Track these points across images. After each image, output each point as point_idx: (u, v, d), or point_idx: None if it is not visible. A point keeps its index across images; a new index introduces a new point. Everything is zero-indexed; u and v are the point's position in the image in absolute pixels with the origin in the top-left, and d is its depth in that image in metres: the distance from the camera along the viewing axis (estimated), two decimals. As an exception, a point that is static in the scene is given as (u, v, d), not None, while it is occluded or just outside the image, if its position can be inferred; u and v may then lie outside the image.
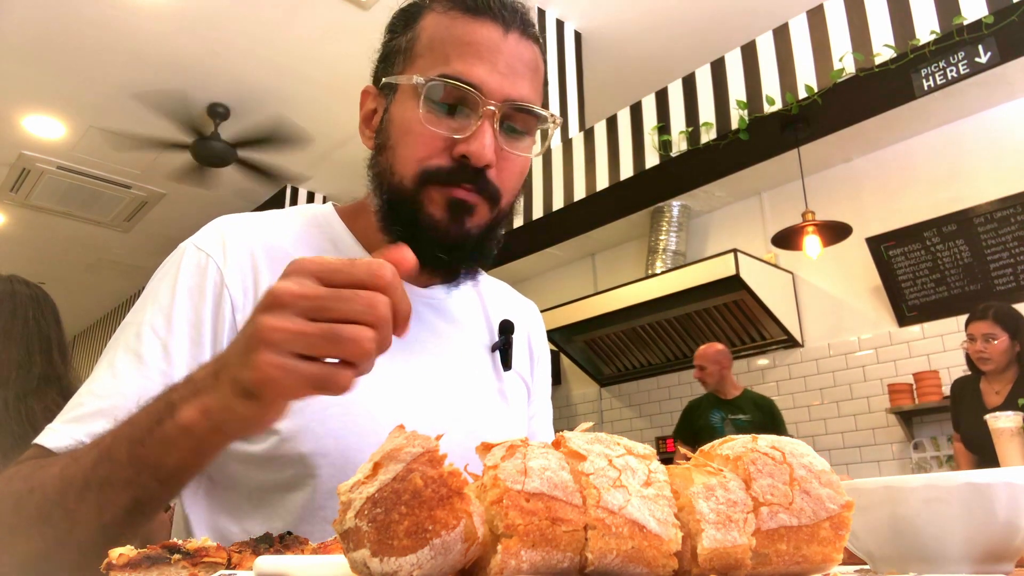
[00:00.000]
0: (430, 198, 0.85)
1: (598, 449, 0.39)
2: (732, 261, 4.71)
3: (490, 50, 0.84)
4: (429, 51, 0.86)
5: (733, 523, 0.38)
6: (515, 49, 0.86)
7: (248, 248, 0.90)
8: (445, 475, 0.37)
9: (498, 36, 0.85)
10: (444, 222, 0.85)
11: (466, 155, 0.82)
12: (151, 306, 0.85)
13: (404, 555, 0.36)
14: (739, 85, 3.74)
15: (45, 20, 4.40)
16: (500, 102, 0.83)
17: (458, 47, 0.84)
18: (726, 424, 4.35)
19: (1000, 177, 4.38)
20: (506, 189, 0.88)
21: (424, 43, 0.87)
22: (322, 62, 4.79)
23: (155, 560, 0.54)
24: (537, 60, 0.90)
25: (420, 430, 0.40)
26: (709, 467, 0.41)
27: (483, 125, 0.82)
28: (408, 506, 0.36)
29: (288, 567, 0.45)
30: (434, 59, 0.85)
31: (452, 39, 0.85)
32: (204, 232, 0.92)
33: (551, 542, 0.36)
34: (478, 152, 0.82)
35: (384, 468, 0.37)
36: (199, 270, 0.87)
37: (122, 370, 0.81)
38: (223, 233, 0.91)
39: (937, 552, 0.49)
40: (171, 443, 0.63)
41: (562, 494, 0.36)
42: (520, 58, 0.86)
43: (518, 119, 0.87)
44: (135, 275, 8.23)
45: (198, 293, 0.85)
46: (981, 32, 2.99)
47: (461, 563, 0.38)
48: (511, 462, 0.37)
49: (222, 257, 0.88)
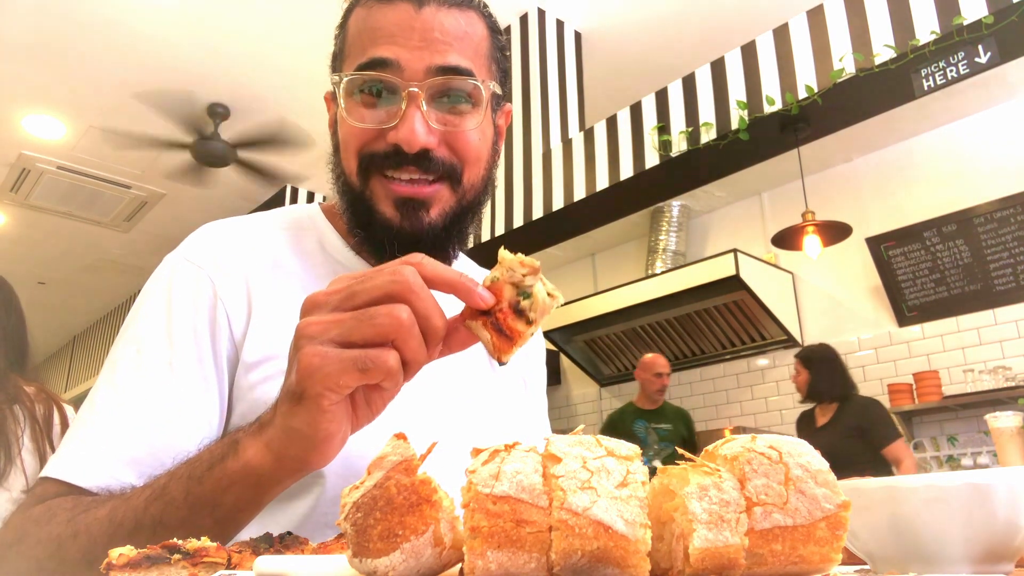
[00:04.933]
0: (377, 194, 0.83)
1: (576, 451, 0.39)
2: (732, 261, 4.71)
3: (402, 28, 0.81)
4: (352, 47, 0.85)
5: (725, 523, 0.38)
6: (431, 20, 0.82)
7: (239, 256, 0.88)
8: (416, 483, 0.40)
9: (410, 13, 0.82)
10: (396, 220, 0.83)
11: (396, 143, 0.80)
12: (147, 323, 0.83)
13: (378, 557, 0.38)
14: (739, 85, 3.74)
15: (45, 20, 4.41)
16: (422, 79, 0.80)
17: (371, 35, 0.82)
18: (649, 433, 4.58)
19: (1000, 177, 4.39)
20: (466, 163, 0.84)
21: (349, 40, 0.87)
22: (322, 62, 4.78)
23: (155, 560, 0.54)
24: (465, 26, 0.84)
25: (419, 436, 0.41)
26: (706, 467, 0.41)
27: (408, 109, 0.80)
28: (382, 511, 0.39)
29: (288, 567, 0.45)
30: (355, 54, 0.84)
31: (367, 29, 0.83)
32: (192, 243, 0.89)
33: (516, 543, 0.36)
34: (407, 138, 0.79)
35: (371, 475, 0.41)
36: (192, 284, 0.84)
37: (127, 389, 0.78)
38: (212, 243, 0.89)
39: (937, 552, 0.49)
40: (231, 481, 0.61)
41: (528, 496, 0.37)
42: (439, 28, 0.82)
43: (450, 89, 0.82)
44: (135, 275, 8.23)
45: (193, 308, 0.83)
46: (981, 32, 2.99)
47: (437, 567, 0.40)
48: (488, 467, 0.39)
49: (214, 269, 0.85)
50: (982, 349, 4.42)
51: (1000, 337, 4.37)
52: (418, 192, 0.82)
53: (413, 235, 0.83)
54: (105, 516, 0.65)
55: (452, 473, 0.56)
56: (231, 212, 6.99)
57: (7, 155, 5.85)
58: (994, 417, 2.45)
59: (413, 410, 0.89)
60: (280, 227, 0.94)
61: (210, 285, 0.84)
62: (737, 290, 4.80)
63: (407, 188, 0.82)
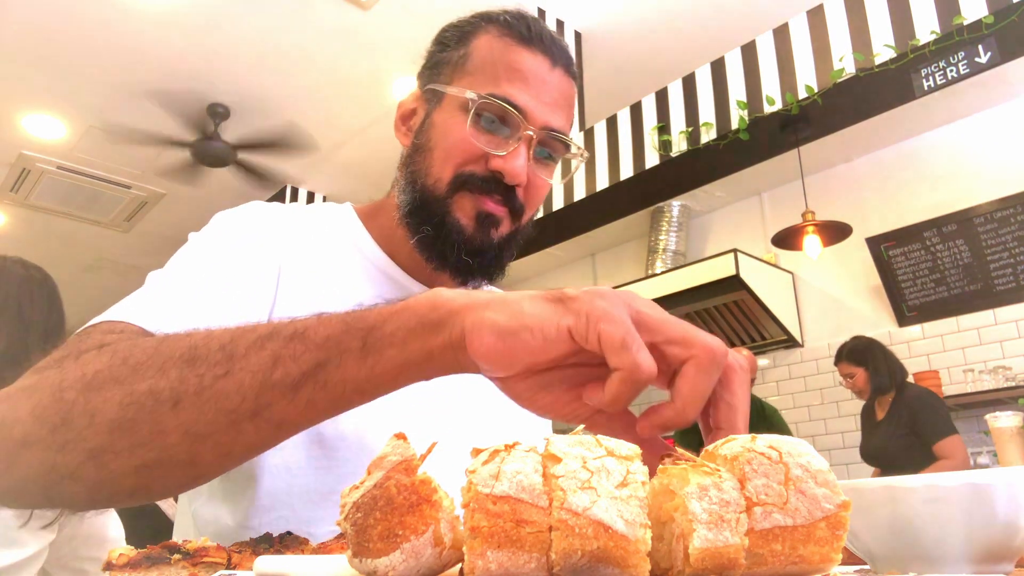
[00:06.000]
0: (460, 205, 0.90)
1: (577, 451, 0.39)
2: (732, 261, 4.71)
3: (537, 79, 0.91)
4: (481, 70, 0.92)
5: (725, 523, 0.38)
6: (559, 83, 0.93)
7: (276, 232, 0.93)
8: (416, 483, 0.40)
9: (546, 68, 0.92)
10: (470, 229, 0.90)
11: (501, 171, 0.89)
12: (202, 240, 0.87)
13: (378, 557, 0.39)
14: (739, 85, 3.74)
15: (45, 20, 4.41)
16: (539, 128, 0.90)
17: (509, 71, 0.91)
18: None
19: (1000, 177, 4.38)
20: (529, 206, 0.95)
21: (476, 61, 0.93)
22: (322, 62, 4.79)
23: (155, 560, 0.54)
24: (574, 97, 0.98)
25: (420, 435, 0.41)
26: (706, 467, 0.41)
27: (520, 147, 0.89)
28: (382, 511, 0.39)
29: (288, 567, 0.45)
30: (485, 78, 0.91)
31: (504, 63, 0.91)
32: (238, 208, 0.95)
33: (516, 543, 0.37)
34: (512, 171, 0.88)
35: (371, 475, 0.41)
36: (243, 220, 0.91)
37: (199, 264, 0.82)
38: (256, 212, 0.95)
39: (937, 552, 0.49)
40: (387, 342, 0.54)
41: (528, 496, 0.37)
42: (562, 92, 0.94)
43: (550, 146, 0.94)
44: (135, 275, 8.22)
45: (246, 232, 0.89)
46: (981, 32, 2.99)
47: (437, 567, 0.41)
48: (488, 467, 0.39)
49: (259, 224, 0.92)
50: (982, 349, 4.42)
51: (1000, 337, 4.37)
52: (499, 211, 0.91)
53: (481, 246, 0.91)
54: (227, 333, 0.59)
55: (453, 473, 0.56)
56: (231, 212, 6.98)
57: (7, 155, 5.85)
58: (994, 417, 2.45)
59: (413, 411, 0.89)
60: (315, 219, 0.99)
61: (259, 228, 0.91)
62: (737, 290, 4.80)
63: (493, 205, 0.91)
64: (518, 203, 0.93)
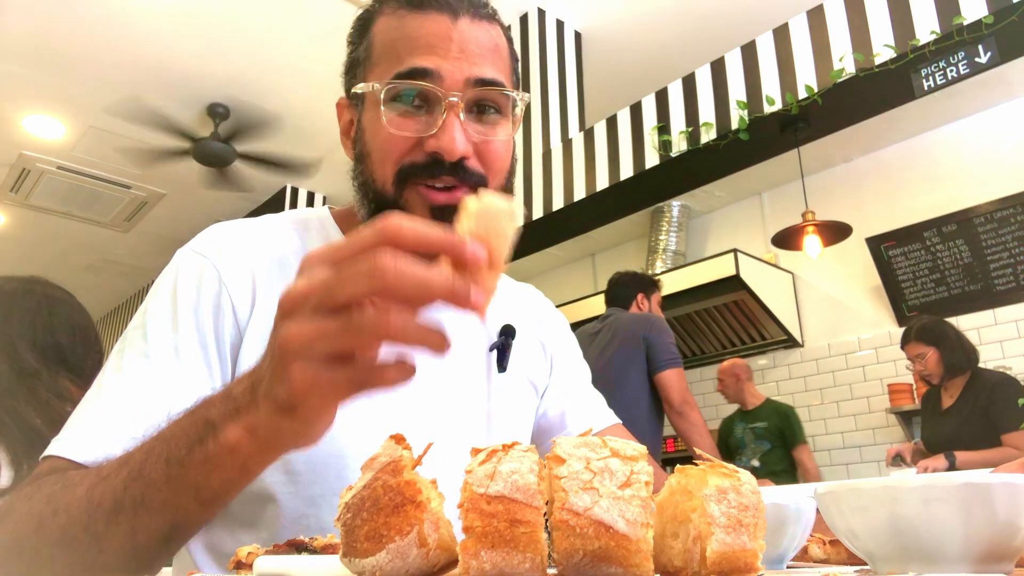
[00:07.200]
0: (413, 202, 0.84)
1: (581, 453, 0.40)
2: (732, 261, 4.71)
3: (440, 39, 0.83)
4: (383, 55, 0.86)
5: (744, 527, 0.39)
6: (467, 33, 0.85)
7: (245, 251, 0.89)
8: (402, 484, 0.40)
9: (446, 25, 0.84)
10: None
11: (437, 151, 0.82)
12: (154, 311, 0.85)
13: (365, 557, 0.39)
14: (739, 85, 3.74)
15: (45, 21, 4.41)
16: (461, 90, 0.83)
17: (408, 44, 0.84)
18: (746, 434, 4.47)
19: (1000, 177, 4.38)
20: (492, 173, 0.87)
21: (378, 48, 0.88)
22: (322, 61, 4.79)
23: None
24: (495, 39, 0.89)
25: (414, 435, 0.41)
26: (724, 468, 0.41)
27: (448, 118, 0.82)
28: (369, 512, 0.40)
29: (288, 567, 0.45)
30: (389, 62, 0.85)
31: (402, 38, 0.85)
32: (199, 238, 0.91)
33: (510, 543, 0.37)
34: (448, 147, 0.81)
35: (362, 476, 0.41)
36: (197, 272, 0.87)
37: (132, 372, 0.79)
38: (219, 238, 0.91)
39: (937, 552, 0.49)
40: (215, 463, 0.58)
41: (523, 496, 0.37)
42: (475, 40, 0.85)
43: (487, 100, 0.86)
44: (135, 275, 8.24)
45: (197, 295, 0.85)
46: (981, 32, 2.99)
47: (426, 567, 0.41)
48: (484, 467, 0.39)
49: (219, 259, 0.88)
50: (982, 349, 4.41)
51: (1000, 337, 4.37)
52: (452, 199, 0.83)
53: None
54: (83, 496, 0.64)
55: (453, 474, 0.56)
56: (232, 212, 6.99)
57: (7, 155, 5.85)
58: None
59: (413, 411, 0.89)
60: (288, 229, 0.95)
61: (215, 273, 0.86)
62: (737, 290, 4.80)
63: (444, 196, 0.84)
64: (475, 176, 0.84)
